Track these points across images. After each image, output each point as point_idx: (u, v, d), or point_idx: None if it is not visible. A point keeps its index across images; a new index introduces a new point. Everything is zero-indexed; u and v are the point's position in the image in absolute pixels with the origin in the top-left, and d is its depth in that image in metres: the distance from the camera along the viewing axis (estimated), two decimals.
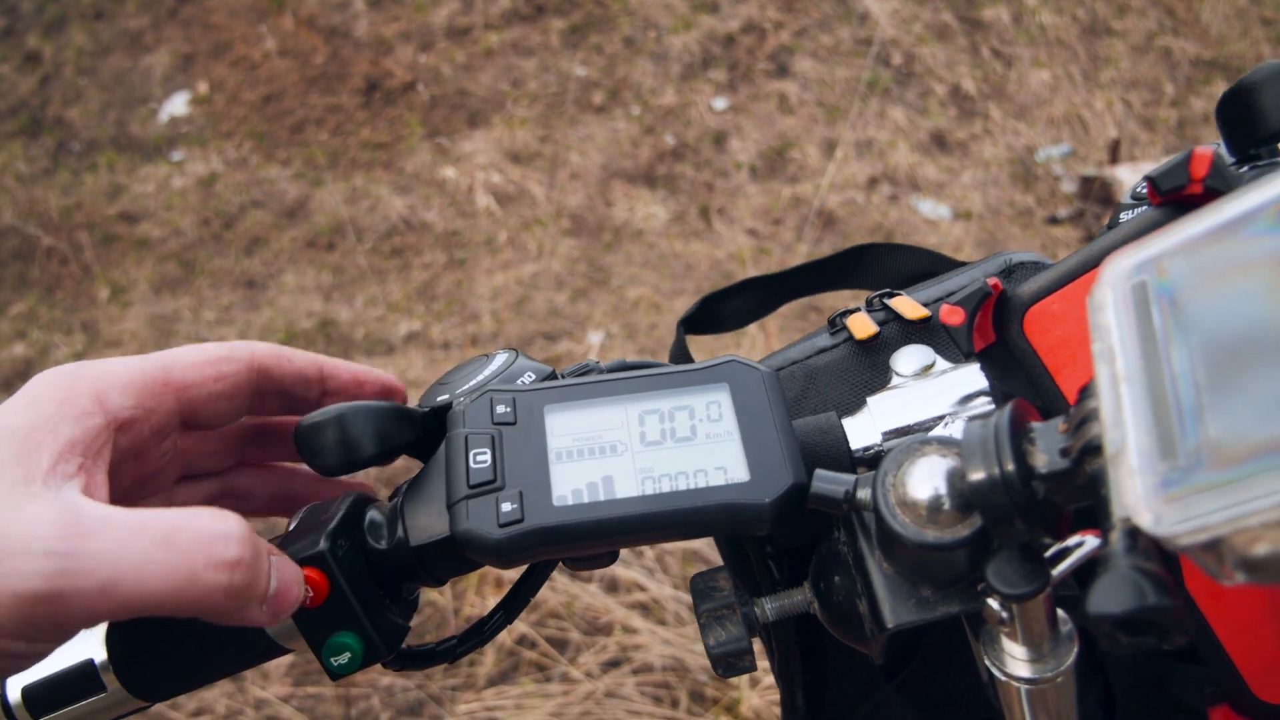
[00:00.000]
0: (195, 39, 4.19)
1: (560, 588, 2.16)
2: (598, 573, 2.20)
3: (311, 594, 0.44)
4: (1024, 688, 0.38)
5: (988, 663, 0.39)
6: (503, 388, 0.46)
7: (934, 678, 0.53)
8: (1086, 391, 0.32)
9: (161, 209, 3.62)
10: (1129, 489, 0.28)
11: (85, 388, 0.43)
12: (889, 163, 3.92)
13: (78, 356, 3.09)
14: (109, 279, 3.38)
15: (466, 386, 0.49)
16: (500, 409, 0.44)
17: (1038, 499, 0.33)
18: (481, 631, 0.53)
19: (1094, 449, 0.31)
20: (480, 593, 2.14)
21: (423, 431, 0.49)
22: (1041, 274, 0.45)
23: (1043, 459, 0.33)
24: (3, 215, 3.61)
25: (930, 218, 3.72)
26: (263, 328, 3.18)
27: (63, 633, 0.39)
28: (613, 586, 2.19)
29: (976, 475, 0.33)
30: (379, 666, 0.49)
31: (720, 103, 4.13)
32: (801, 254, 3.37)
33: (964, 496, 0.36)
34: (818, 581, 0.44)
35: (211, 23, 4.24)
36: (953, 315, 0.44)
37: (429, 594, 2.14)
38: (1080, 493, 0.33)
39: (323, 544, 0.45)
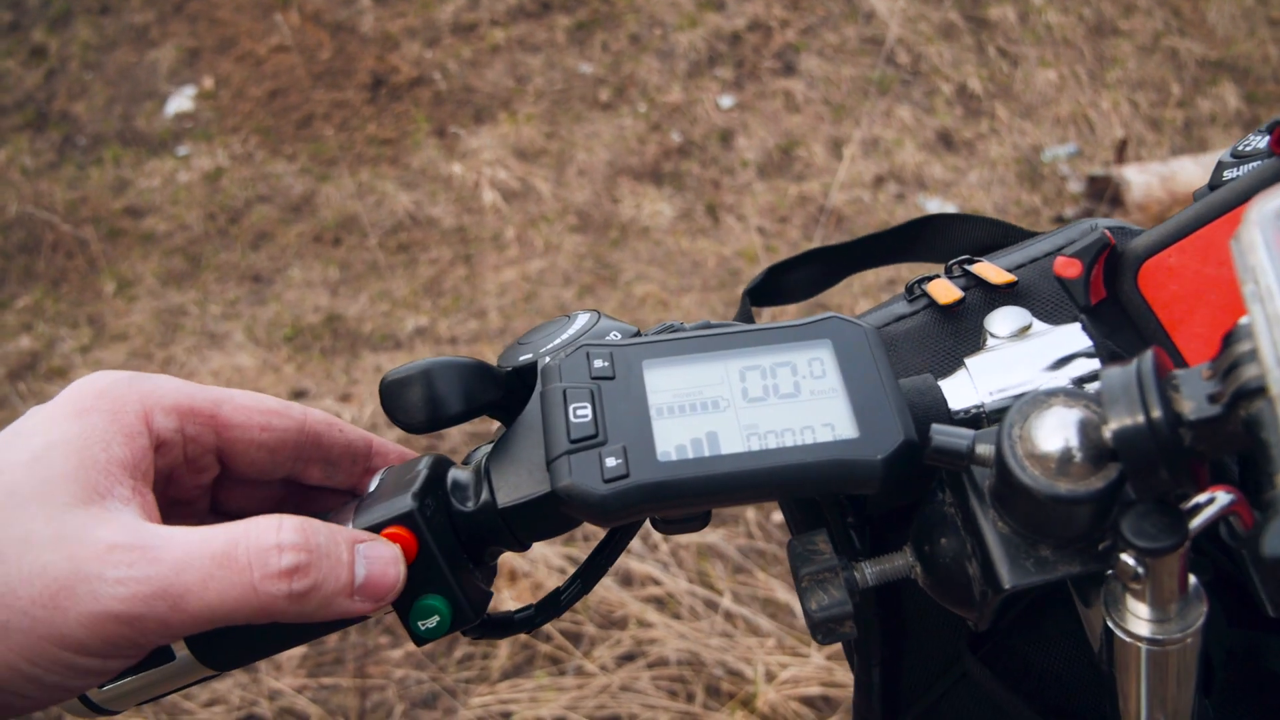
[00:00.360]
0: (201, 34, 4.17)
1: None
2: (613, 566, 2.19)
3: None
4: (1147, 648, 0.37)
5: (1109, 624, 0.38)
6: (598, 342, 0.44)
7: (1020, 648, 0.52)
8: (1235, 335, 0.31)
9: (167, 203, 3.60)
10: None
11: (134, 404, 0.44)
12: (895, 161, 3.91)
13: (84, 350, 3.08)
14: (115, 273, 3.36)
15: (552, 345, 0.48)
16: (598, 363, 0.43)
17: (1184, 447, 0.32)
18: (558, 601, 0.52)
19: (1249, 392, 0.30)
20: (494, 585, 2.13)
21: (505, 392, 0.48)
22: (1156, 228, 0.44)
23: (1189, 405, 0.32)
24: (9, 209, 3.59)
25: None
26: (269, 322, 3.16)
27: (139, 650, 0.40)
28: (627, 580, 2.18)
29: (1120, 422, 0.32)
30: (392, 651, 0.48)
31: (726, 100, 4.12)
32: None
33: (1098, 447, 0.35)
34: (921, 544, 0.43)
35: (217, 17, 4.23)
36: (1069, 267, 0.43)
37: None
38: (1229, 440, 0.32)
39: (410, 502, 0.44)
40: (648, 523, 0.46)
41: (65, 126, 3.91)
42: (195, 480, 0.49)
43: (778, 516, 2.35)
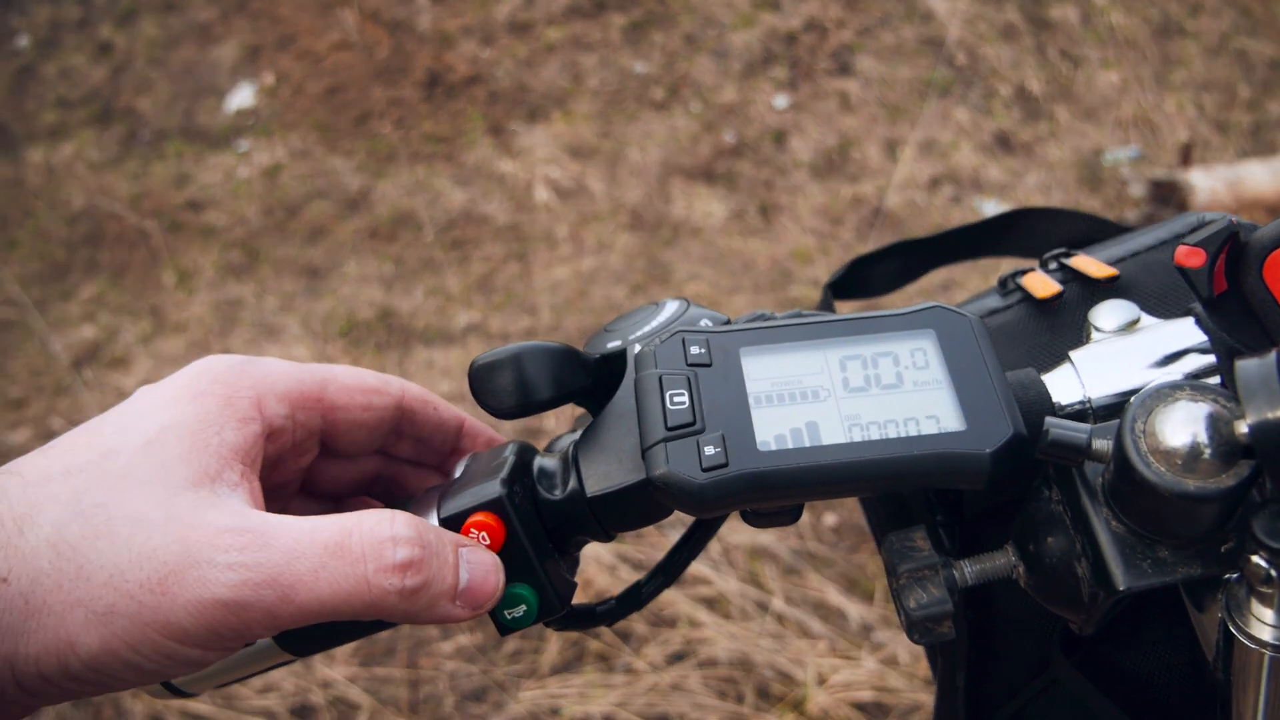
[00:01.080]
0: (262, 31, 4.24)
1: (625, 579, 2.15)
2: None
3: (490, 540, 0.43)
4: (1271, 655, 0.36)
5: (1231, 628, 0.36)
6: (694, 329, 0.44)
7: (1114, 654, 0.50)
8: None
9: (227, 197, 3.66)
10: None
11: (247, 390, 0.43)
12: (951, 163, 3.86)
13: (144, 340, 3.14)
14: (175, 265, 3.43)
15: (641, 332, 0.47)
16: (694, 350, 0.42)
17: None
18: (640, 594, 0.51)
19: None
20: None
21: (594, 379, 0.47)
22: None
23: None
24: (75, 201, 3.68)
25: None
26: (324, 316, 3.20)
27: (243, 640, 0.39)
28: (678, 580, 2.17)
29: (1259, 415, 0.31)
30: (443, 644, 0.47)
31: (781, 100, 4.09)
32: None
33: (1229, 443, 0.33)
34: (1025, 543, 0.41)
35: (278, 15, 4.29)
36: (1192, 257, 0.41)
37: None
38: None
39: (499, 489, 0.43)
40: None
41: (129, 121, 3.99)
42: (297, 463, 0.49)
43: (829, 519, 2.33)
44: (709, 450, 0.39)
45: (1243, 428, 0.32)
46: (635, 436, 0.43)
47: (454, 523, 0.44)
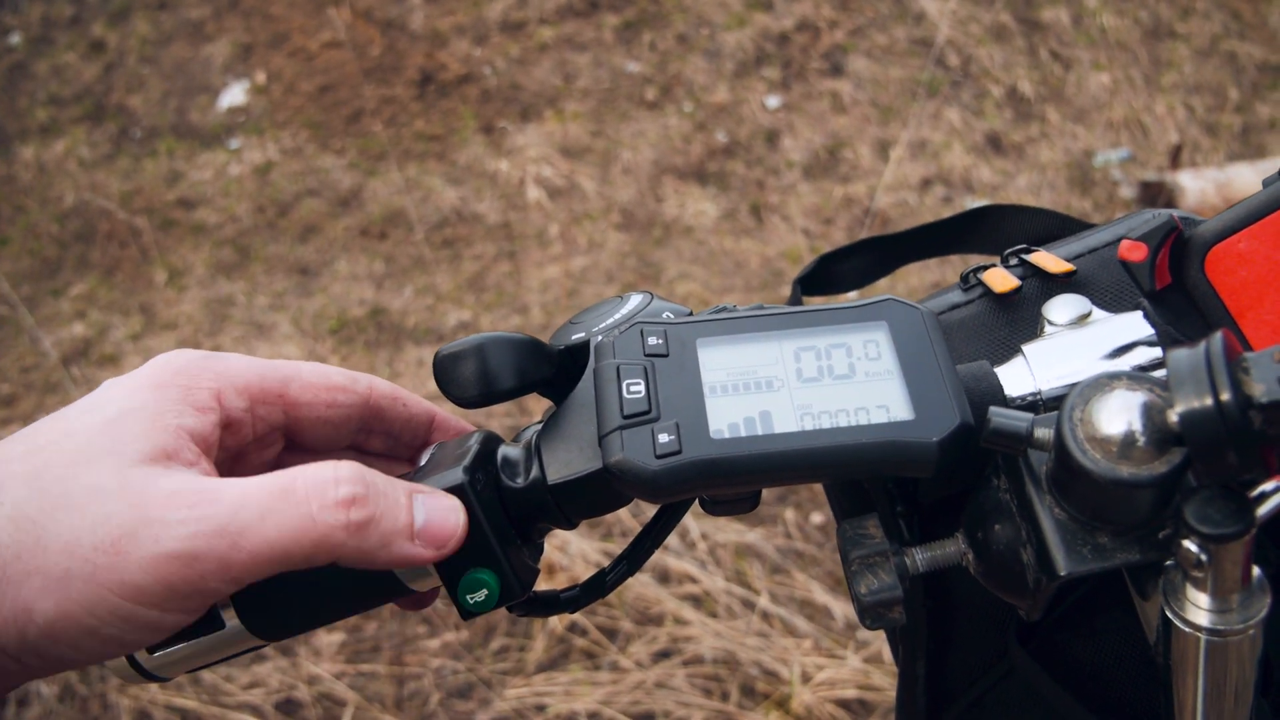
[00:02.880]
0: (255, 29, 4.24)
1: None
2: (649, 562, 2.19)
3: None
4: (1206, 639, 0.37)
5: (1168, 613, 0.37)
6: (653, 320, 0.44)
7: (1069, 642, 0.51)
8: None
9: (219, 195, 3.66)
10: None
11: (208, 382, 0.45)
12: (943, 164, 3.87)
13: (134, 338, 3.14)
14: (166, 263, 3.43)
15: (605, 324, 0.48)
16: (652, 340, 0.43)
17: (1253, 430, 0.31)
18: (604, 582, 0.52)
19: None
20: (551, 579, 2.14)
21: (557, 369, 0.48)
22: (1225, 213, 0.43)
23: (1260, 388, 0.31)
24: (66, 199, 3.67)
25: None
26: (315, 314, 3.20)
27: (201, 595, 0.40)
28: (665, 577, 2.17)
29: (1188, 404, 0.32)
30: (429, 641, 0.48)
31: (773, 100, 4.10)
32: None
33: (1162, 431, 0.34)
34: (974, 531, 0.42)
35: (271, 13, 4.29)
36: (1134, 251, 0.42)
37: None
38: None
39: (461, 476, 0.44)
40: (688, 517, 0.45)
41: (121, 119, 3.99)
42: (261, 456, 0.49)
43: (816, 518, 2.34)
44: (663, 438, 0.40)
45: (1174, 416, 0.32)
46: (595, 425, 0.44)
47: None
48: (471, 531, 0.44)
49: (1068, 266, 0.50)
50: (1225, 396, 0.31)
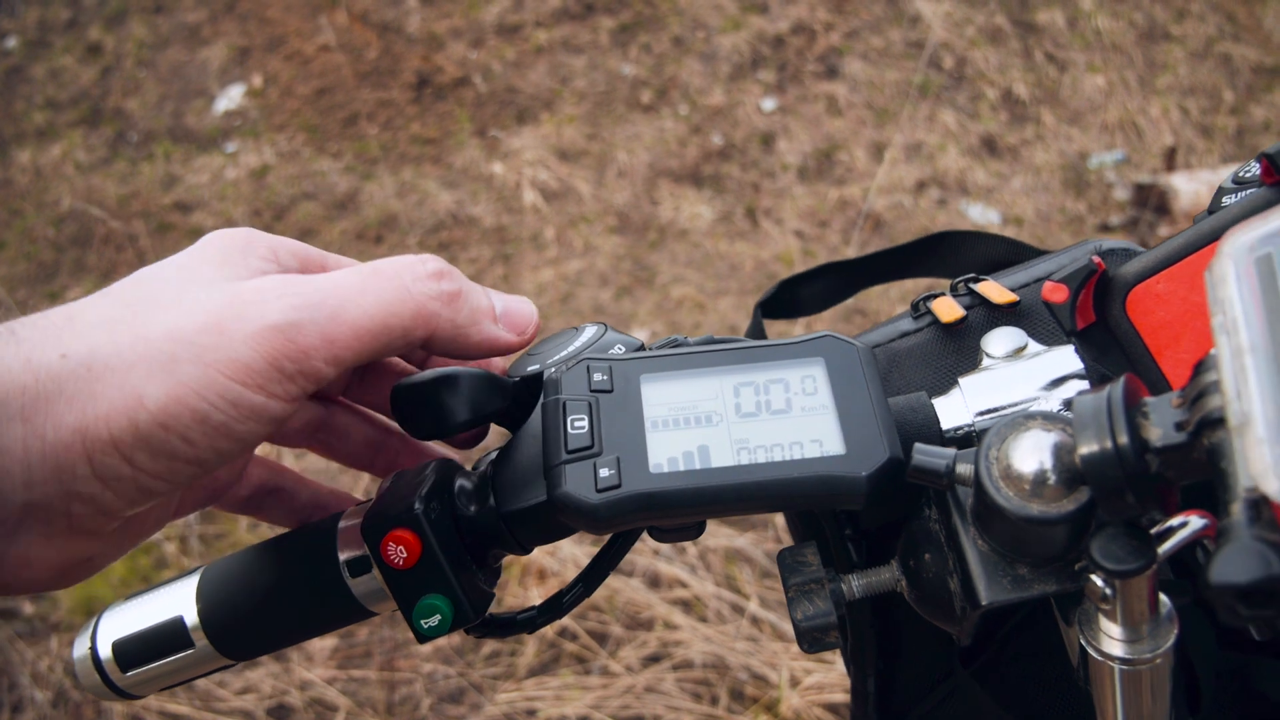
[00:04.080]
0: (251, 33, 4.25)
1: (611, 584, 2.17)
2: (639, 567, 2.21)
3: (407, 554, 0.45)
4: (1119, 668, 0.38)
5: (1082, 642, 0.39)
6: (599, 356, 0.46)
7: (1012, 664, 0.53)
8: (1203, 365, 0.32)
9: (215, 199, 3.68)
10: (1256, 458, 0.28)
11: (263, 241, 0.45)
12: (938, 166, 3.88)
13: None
14: None
15: (558, 356, 0.49)
16: (597, 376, 0.45)
17: (1150, 473, 0.33)
18: (560, 604, 0.53)
19: (1213, 422, 0.31)
20: (523, 584, 2.16)
21: (513, 401, 0.49)
22: (1145, 254, 0.45)
23: (1157, 432, 0.33)
24: (63, 203, 3.69)
25: (979, 223, 3.69)
26: None
27: (304, 375, 0.40)
28: (655, 582, 2.19)
29: (1089, 447, 0.33)
30: (421, 646, 0.50)
31: (768, 103, 4.11)
32: (848, 256, 3.36)
33: (1071, 470, 0.36)
34: (906, 559, 0.44)
35: (267, 17, 4.31)
36: (1056, 292, 0.44)
37: None
38: (1195, 467, 0.32)
39: (416, 506, 0.46)
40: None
41: (118, 123, 4.00)
42: None
43: None
44: (604, 472, 0.42)
45: (1078, 457, 0.34)
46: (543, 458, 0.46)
47: (374, 537, 0.46)
48: (425, 560, 0.46)
49: (1011, 297, 0.52)
50: (1122, 440, 0.33)
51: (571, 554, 2.16)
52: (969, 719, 0.55)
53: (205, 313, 0.38)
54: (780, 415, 0.43)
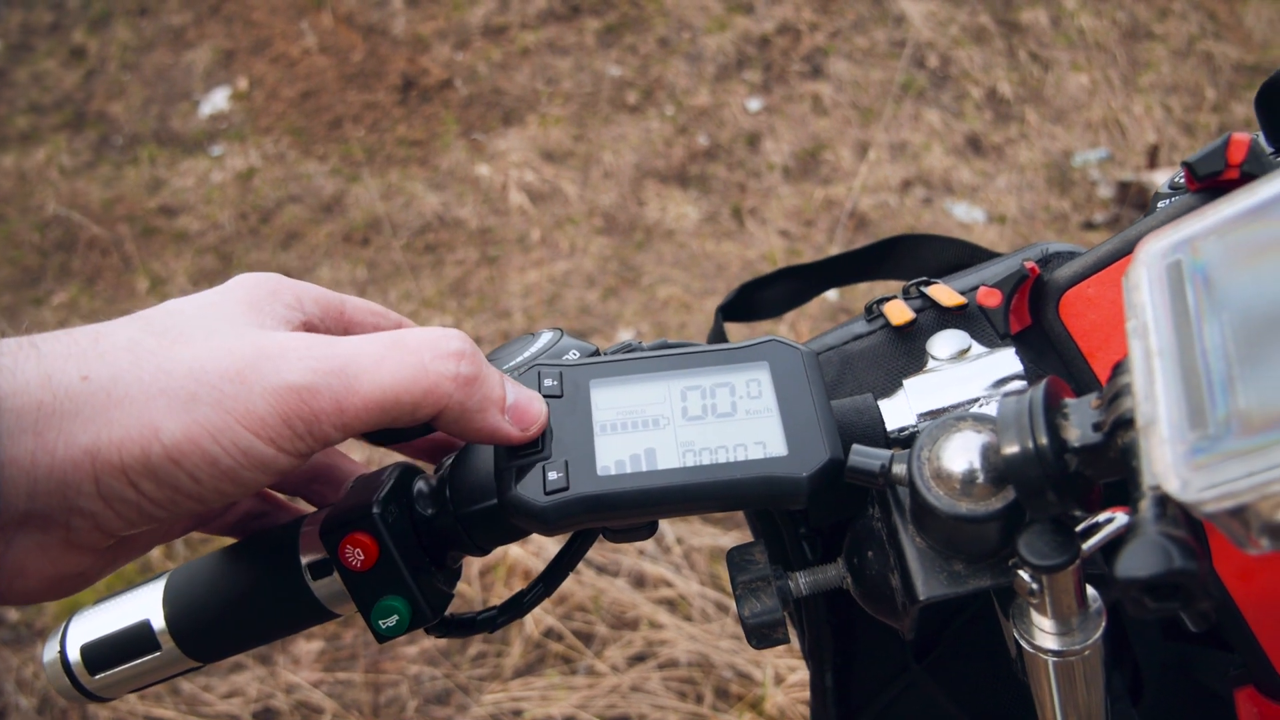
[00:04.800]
0: (236, 35, 4.25)
1: (587, 581, 2.18)
2: (625, 567, 2.22)
3: (364, 556, 0.46)
4: (1052, 660, 0.39)
5: (1016, 636, 0.40)
6: (550, 362, 0.47)
7: (962, 659, 0.54)
8: (1120, 368, 0.33)
9: (200, 202, 3.68)
10: (1159, 457, 0.29)
11: (289, 289, 0.47)
12: (923, 165, 3.90)
13: None
14: (148, 270, 3.44)
15: (514, 362, 0.50)
16: (548, 382, 0.46)
17: (1069, 472, 0.34)
18: (521, 603, 0.54)
19: (1126, 422, 0.32)
20: (508, 584, 2.16)
21: None
22: (1077, 259, 0.46)
23: (1075, 433, 0.34)
24: (47, 207, 3.68)
25: (964, 221, 3.71)
26: None
27: (313, 436, 0.41)
28: (640, 582, 2.20)
29: (1011, 448, 0.34)
30: (407, 648, 0.51)
31: (754, 103, 4.13)
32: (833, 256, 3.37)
33: (998, 470, 0.37)
34: (851, 557, 0.45)
35: (252, 19, 4.30)
36: (990, 297, 0.45)
37: (458, 585, 2.16)
38: (1111, 466, 0.34)
39: (374, 509, 0.47)
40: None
41: (102, 126, 4.00)
42: None
43: None
44: (552, 475, 0.43)
45: (1001, 458, 0.35)
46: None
47: (333, 540, 0.47)
48: (382, 561, 0.47)
49: (960, 300, 0.53)
50: (1042, 441, 0.34)
51: (554, 553, 2.17)
52: (924, 712, 0.56)
53: (229, 358, 0.39)
54: (725, 418, 0.44)
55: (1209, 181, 0.43)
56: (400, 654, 2.05)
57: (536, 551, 2.20)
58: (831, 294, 3.21)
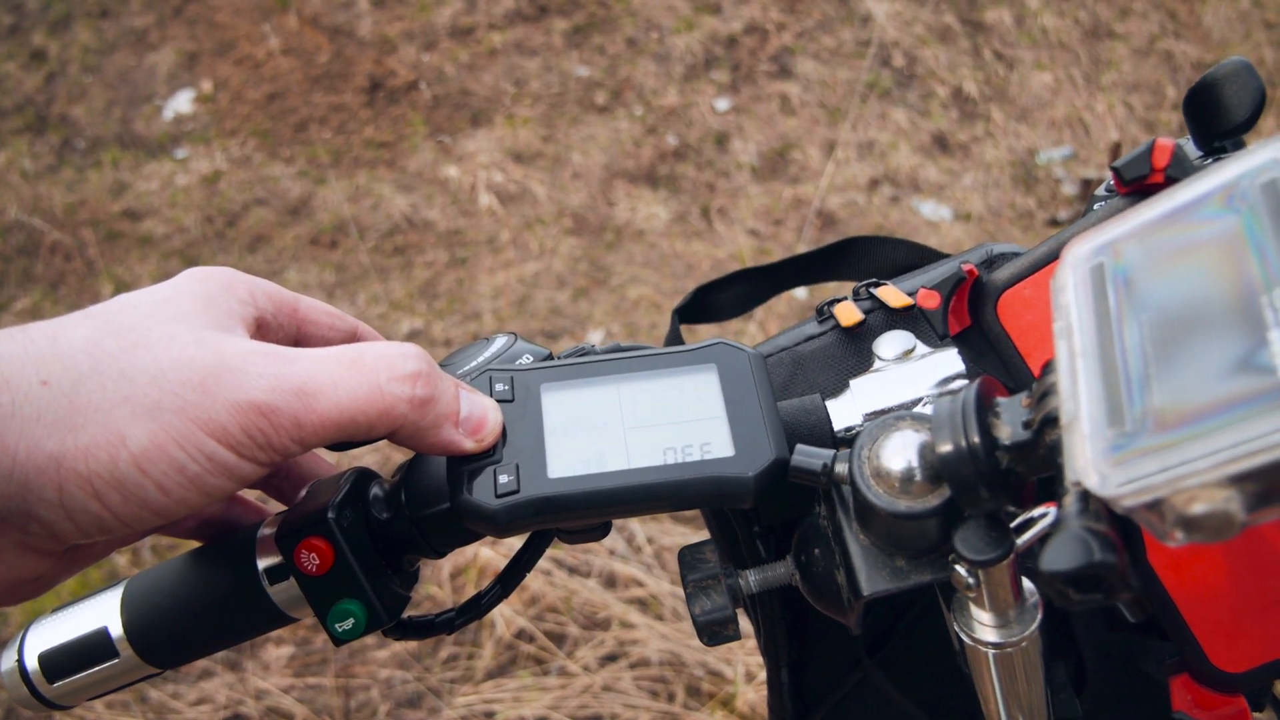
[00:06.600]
0: (200, 37, 4.21)
1: (559, 582, 2.19)
2: (596, 568, 2.22)
3: (320, 561, 0.47)
4: (991, 652, 0.40)
5: (957, 629, 0.41)
6: (501, 367, 0.48)
7: (913, 653, 0.55)
8: (1048, 368, 0.35)
9: (165, 206, 3.64)
10: (1079, 454, 0.30)
11: (242, 284, 0.47)
12: (890, 164, 3.93)
13: None
14: (113, 275, 3.40)
15: (467, 368, 0.51)
16: (499, 387, 0.47)
17: (1001, 469, 0.35)
18: (479, 604, 0.55)
19: (1053, 420, 0.33)
20: (479, 587, 2.16)
21: None
22: (1014, 261, 0.47)
23: (1006, 431, 0.35)
24: (8, 212, 3.63)
25: (931, 219, 3.74)
26: None
27: (273, 449, 0.41)
28: (611, 582, 2.21)
29: (944, 447, 0.35)
30: (378, 652, 0.51)
31: (722, 103, 4.14)
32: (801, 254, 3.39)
33: (934, 468, 0.38)
34: (799, 554, 0.46)
35: (216, 21, 4.27)
36: (929, 299, 0.46)
37: (428, 586, 2.16)
38: (1041, 462, 0.35)
39: (329, 514, 0.47)
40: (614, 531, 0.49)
41: (64, 130, 3.95)
42: None
43: None
44: (503, 478, 0.44)
45: (935, 456, 0.36)
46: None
47: (288, 545, 0.48)
48: (338, 565, 0.47)
49: (907, 300, 0.54)
50: (974, 439, 0.35)
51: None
52: (877, 707, 0.57)
53: (190, 368, 0.40)
54: (674, 420, 0.45)
55: (1135, 185, 0.44)
56: (371, 658, 2.04)
57: (507, 554, 2.20)
58: (801, 293, 3.24)
